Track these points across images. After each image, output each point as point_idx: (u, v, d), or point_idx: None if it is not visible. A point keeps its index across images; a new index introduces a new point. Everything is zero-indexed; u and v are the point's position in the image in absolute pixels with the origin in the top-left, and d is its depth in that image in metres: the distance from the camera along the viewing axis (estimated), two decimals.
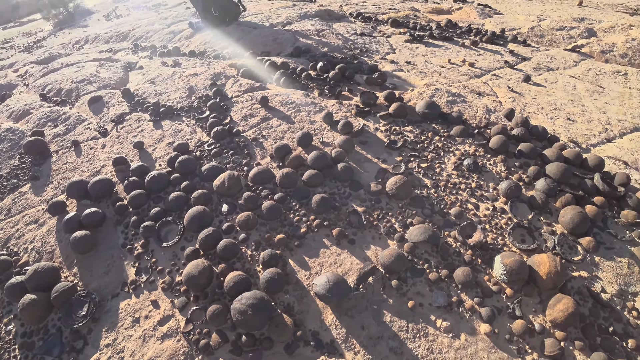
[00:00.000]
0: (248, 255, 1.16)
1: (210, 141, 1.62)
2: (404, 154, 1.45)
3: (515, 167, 1.43)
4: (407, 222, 1.19)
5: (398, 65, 2.40)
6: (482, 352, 0.93)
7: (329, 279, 0.98)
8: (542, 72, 2.80)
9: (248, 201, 1.27)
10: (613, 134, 2.03)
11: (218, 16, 3.25)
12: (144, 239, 1.28)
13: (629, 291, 1.09)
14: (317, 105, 1.75)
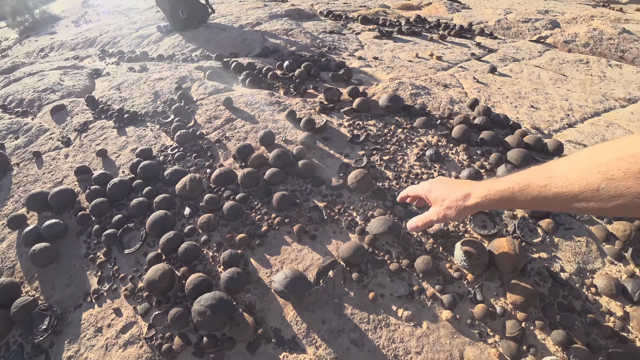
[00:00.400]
0: (209, 256, 1.15)
1: (173, 145, 1.60)
2: (367, 148, 1.46)
3: (477, 155, 1.45)
4: (368, 214, 1.19)
5: (366, 61, 2.41)
6: (444, 338, 0.94)
7: (287, 275, 0.97)
8: (508, 63, 2.86)
9: (209, 203, 1.25)
10: (574, 119, 2.08)
11: (186, 19, 3.21)
12: (106, 247, 1.25)
13: (587, 269, 1.12)
14: (282, 104, 1.74)
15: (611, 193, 0.58)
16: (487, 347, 0.93)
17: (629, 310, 1.01)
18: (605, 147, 0.62)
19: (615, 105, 2.32)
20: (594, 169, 0.61)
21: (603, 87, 2.57)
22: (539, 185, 0.69)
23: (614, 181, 0.58)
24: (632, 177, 0.55)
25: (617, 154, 0.59)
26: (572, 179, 0.64)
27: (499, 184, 0.78)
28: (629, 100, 2.41)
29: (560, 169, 0.67)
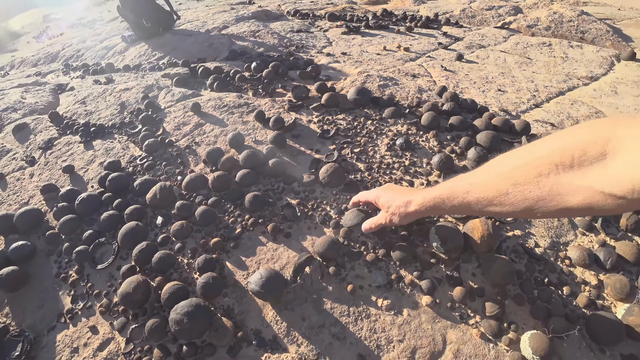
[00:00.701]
0: (185, 264, 1.13)
1: (142, 155, 1.56)
2: (337, 142, 1.46)
3: (447, 140, 1.47)
4: (342, 208, 1.19)
5: (334, 57, 2.42)
6: (425, 323, 0.95)
7: (262, 275, 0.96)
8: (474, 49, 2.91)
9: (181, 210, 1.23)
10: (540, 100, 2.13)
11: (150, 27, 3.15)
12: (78, 265, 1.21)
13: (560, 242, 1.14)
14: (250, 105, 1.73)
15: (518, 197, 0.63)
16: (468, 328, 0.93)
17: (603, 278, 1.04)
18: (513, 154, 0.68)
19: (579, 84, 2.39)
20: (503, 176, 0.66)
21: (566, 68, 2.64)
22: (463, 192, 0.75)
23: (518, 186, 0.62)
24: (531, 182, 0.60)
25: (520, 160, 0.64)
26: (488, 185, 0.69)
27: (431, 192, 0.84)
28: (590, 79, 2.49)
29: (479, 177, 0.74)
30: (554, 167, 0.57)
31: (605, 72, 2.59)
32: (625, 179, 0.47)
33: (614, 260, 1.06)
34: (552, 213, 0.59)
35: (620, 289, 0.99)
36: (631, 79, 2.48)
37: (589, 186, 0.52)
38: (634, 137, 0.48)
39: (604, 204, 0.51)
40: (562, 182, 0.56)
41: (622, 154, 0.48)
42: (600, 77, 2.52)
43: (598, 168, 0.51)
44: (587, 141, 0.53)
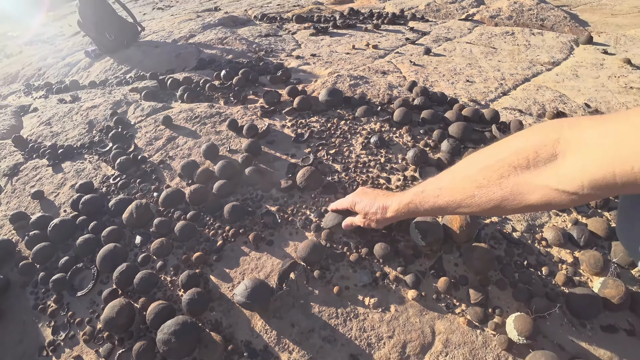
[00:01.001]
0: (168, 282, 1.10)
1: (115, 174, 1.52)
2: (312, 145, 1.46)
3: (420, 134, 1.49)
4: (321, 210, 1.19)
5: (304, 60, 2.42)
6: (413, 317, 0.96)
7: (247, 285, 0.95)
8: (441, 43, 2.97)
9: (160, 227, 1.20)
10: (508, 87, 2.19)
11: (114, 40, 3.07)
12: (56, 294, 1.17)
13: (536, 224, 1.18)
14: (222, 115, 1.71)
15: (484, 199, 0.67)
16: (455, 317, 0.95)
17: (578, 255, 1.08)
18: (476, 157, 0.73)
19: (542, 70, 2.47)
20: (468, 179, 0.70)
21: (529, 55, 2.73)
22: (433, 197, 0.79)
23: (483, 188, 0.67)
24: (494, 184, 0.64)
25: (483, 163, 0.68)
26: (455, 189, 0.74)
27: (405, 197, 0.88)
28: (553, 64, 2.58)
29: (447, 181, 0.78)
30: (513, 169, 0.62)
31: (565, 57, 2.70)
32: (575, 177, 0.52)
33: (586, 237, 1.10)
34: (516, 210, 0.64)
35: (595, 264, 1.03)
36: (590, 61, 2.59)
37: (544, 185, 0.57)
38: (578, 138, 0.53)
39: (560, 200, 0.56)
40: (522, 182, 0.60)
41: (570, 154, 0.53)
42: (562, 61, 2.62)
43: (550, 168, 0.56)
44: (539, 144, 0.58)
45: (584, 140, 0.52)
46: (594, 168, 0.50)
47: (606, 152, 0.49)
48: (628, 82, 2.25)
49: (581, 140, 0.52)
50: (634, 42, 2.94)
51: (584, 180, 0.51)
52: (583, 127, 0.53)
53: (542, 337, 0.91)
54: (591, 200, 0.56)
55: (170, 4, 6.02)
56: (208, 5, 5.25)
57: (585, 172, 0.51)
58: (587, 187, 0.51)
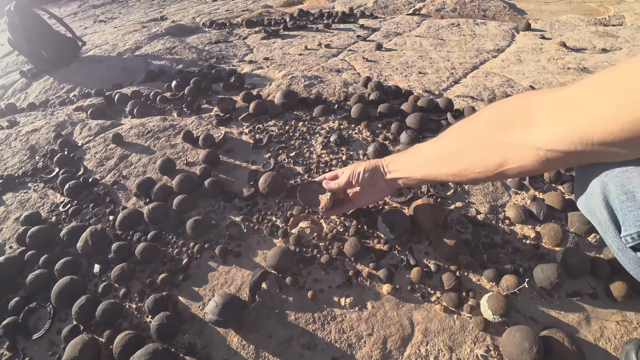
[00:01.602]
0: (134, 309, 1.03)
1: (65, 201, 1.42)
2: (272, 149, 1.43)
3: (379, 128, 1.50)
4: (287, 215, 1.17)
5: (257, 64, 2.38)
6: (390, 311, 0.95)
7: (217, 302, 0.91)
8: (391, 38, 3.03)
9: (119, 252, 1.13)
10: (459, 76, 2.27)
11: (52, 57, 2.87)
12: (9, 340, 1.06)
13: (498, 204, 1.22)
14: (176, 127, 1.64)
15: (464, 154, 0.73)
16: (431, 305, 0.96)
17: (539, 229, 1.12)
18: (458, 124, 0.79)
19: (488, 57, 2.58)
20: (452, 139, 0.78)
21: (475, 44, 2.84)
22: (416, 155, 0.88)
23: (465, 143, 0.74)
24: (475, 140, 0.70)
25: (463, 125, 0.76)
26: (439, 147, 0.81)
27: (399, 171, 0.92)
28: (498, 51, 2.71)
29: (431, 144, 0.84)
30: (491, 128, 0.65)
31: (508, 44, 2.84)
32: (543, 135, 0.55)
33: (545, 212, 1.15)
34: (491, 171, 0.67)
35: (555, 236, 1.07)
36: (530, 46, 2.74)
37: (518, 141, 0.60)
38: (547, 100, 0.56)
39: (532, 159, 0.59)
40: (498, 139, 0.64)
41: (539, 116, 0.56)
42: (505, 48, 2.75)
43: (523, 128, 0.59)
44: (511, 107, 0.62)
45: (549, 105, 0.55)
46: (557, 130, 0.53)
47: (566, 119, 0.52)
48: (565, 64, 2.40)
49: (547, 105, 0.56)
50: (567, 27, 3.15)
51: (549, 141, 0.54)
52: (552, 91, 0.57)
53: (515, 313, 0.93)
54: (560, 164, 0.59)
55: (113, 16, 5.75)
56: (153, 14, 5.06)
57: (550, 134, 0.54)
58: (552, 146, 0.54)
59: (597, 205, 0.57)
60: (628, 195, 0.52)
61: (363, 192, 1.01)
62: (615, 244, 0.57)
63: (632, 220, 0.52)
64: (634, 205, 0.51)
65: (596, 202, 0.57)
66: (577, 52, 2.60)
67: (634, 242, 0.53)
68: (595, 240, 1.09)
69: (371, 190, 0.99)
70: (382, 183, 0.95)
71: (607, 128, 0.47)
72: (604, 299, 0.97)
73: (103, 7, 6.76)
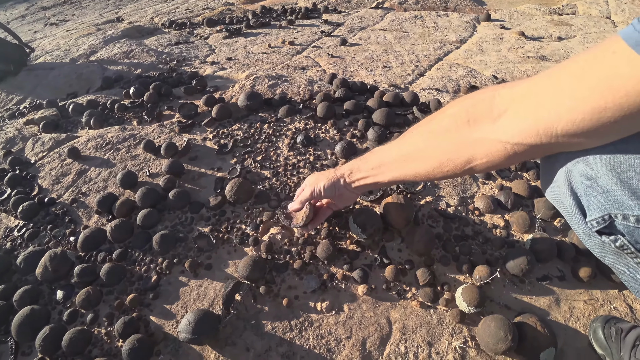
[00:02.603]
0: (103, 334, 0.98)
1: (20, 224, 1.33)
2: (238, 154, 1.40)
3: (345, 126, 1.49)
4: (257, 222, 1.14)
5: (220, 65, 2.31)
6: (367, 312, 0.95)
7: (190, 320, 0.88)
8: (356, 32, 3.02)
9: (82, 275, 1.07)
10: (423, 68, 2.29)
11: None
12: None
13: (467, 196, 1.24)
14: (137, 136, 1.57)
15: (429, 152, 0.72)
16: (408, 302, 0.96)
17: (508, 217, 1.15)
18: (422, 122, 0.76)
19: (452, 48, 2.62)
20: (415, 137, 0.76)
21: (439, 35, 2.88)
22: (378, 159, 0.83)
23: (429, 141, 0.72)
24: (439, 137, 0.69)
25: (428, 122, 0.74)
26: (402, 147, 0.78)
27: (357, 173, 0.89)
28: (460, 42, 2.76)
29: (394, 145, 0.81)
30: (455, 124, 0.64)
31: (470, 35, 2.89)
32: (508, 129, 0.56)
33: (512, 200, 1.18)
34: (461, 169, 0.66)
35: (523, 223, 1.10)
36: (491, 36, 2.80)
37: (483, 137, 0.60)
38: (512, 94, 0.56)
39: (498, 152, 0.59)
40: (463, 135, 0.63)
41: (505, 109, 0.56)
42: (468, 39, 2.81)
43: (489, 122, 0.58)
44: (476, 100, 0.61)
45: (514, 97, 0.55)
46: (521, 123, 0.53)
47: (530, 110, 0.52)
48: (525, 52, 2.47)
49: (512, 97, 0.56)
50: (525, 17, 3.25)
51: (514, 134, 0.55)
52: (516, 84, 0.57)
53: (489, 302, 0.95)
54: (526, 157, 0.59)
55: (66, 18, 5.44)
56: (109, 16, 4.83)
57: (515, 127, 0.54)
58: (517, 139, 0.54)
59: (563, 192, 0.58)
60: (591, 181, 0.53)
61: (333, 201, 1.00)
62: (580, 229, 0.58)
63: (596, 205, 0.53)
64: (597, 191, 0.52)
65: (561, 189, 0.58)
66: (535, 41, 2.68)
67: (599, 226, 0.54)
68: (561, 224, 1.13)
69: (339, 199, 0.97)
70: (347, 193, 0.93)
71: (569, 118, 0.48)
72: (571, 281, 1.01)
73: (54, 8, 6.40)
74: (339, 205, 1.00)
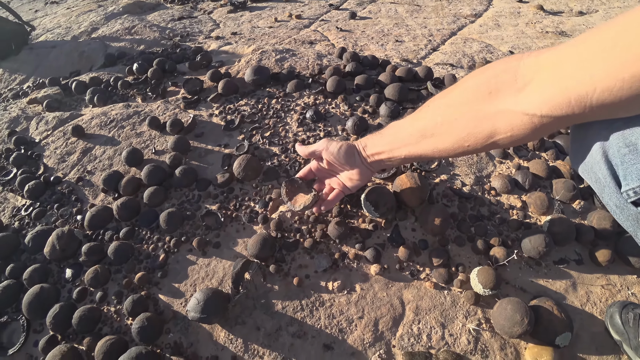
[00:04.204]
0: (112, 313, 0.98)
1: (27, 203, 1.31)
2: (245, 130, 1.35)
3: (357, 102, 1.44)
4: (266, 199, 1.11)
5: (225, 40, 2.24)
6: (380, 292, 0.93)
7: (199, 299, 0.86)
8: (365, 5, 2.90)
9: (90, 253, 1.06)
10: (437, 43, 2.20)
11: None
12: None
13: (483, 175, 1.19)
14: (141, 113, 1.53)
15: (447, 127, 0.67)
16: (421, 283, 0.94)
17: (525, 198, 1.10)
18: (440, 94, 0.71)
19: (466, 22, 2.51)
20: (432, 111, 0.70)
21: (452, 9, 2.76)
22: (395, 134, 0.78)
23: (447, 116, 0.67)
24: (457, 111, 0.64)
25: (443, 102, 0.68)
26: (419, 121, 0.73)
27: (374, 147, 0.84)
28: (475, 16, 2.63)
29: (410, 120, 0.76)
30: (476, 95, 0.60)
31: (485, 8, 2.76)
32: (535, 100, 0.51)
33: (530, 180, 1.13)
34: (482, 145, 0.62)
35: (541, 205, 1.06)
36: (507, 10, 2.67)
37: (507, 109, 0.55)
38: (537, 63, 0.52)
39: (523, 126, 0.54)
40: (484, 108, 0.59)
41: (530, 79, 0.52)
42: (483, 13, 2.68)
43: (512, 93, 0.54)
44: (500, 71, 0.56)
45: (540, 65, 0.51)
46: (550, 93, 0.49)
47: (560, 79, 0.48)
48: (543, 27, 2.36)
49: (539, 65, 0.51)
50: None
51: (542, 106, 0.50)
52: (541, 52, 0.52)
53: (505, 284, 0.92)
54: (552, 129, 0.55)
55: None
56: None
57: (543, 97, 0.50)
58: (546, 111, 0.50)
59: (596, 161, 0.53)
60: (630, 147, 0.48)
61: (347, 180, 0.93)
62: (613, 201, 0.54)
63: (635, 173, 0.49)
64: (636, 158, 0.48)
65: (594, 158, 0.53)
66: (554, 15, 2.55)
67: (636, 196, 0.50)
68: (580, 207, 1.08)
69: (356, 176, 0.90)
70: (363, 167, 0.87)
71: (605, 87, 0.43)
72: (589, 265, 0.98)
73: None
74: (354, 183, 0.93)
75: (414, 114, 0.75)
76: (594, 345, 0.85)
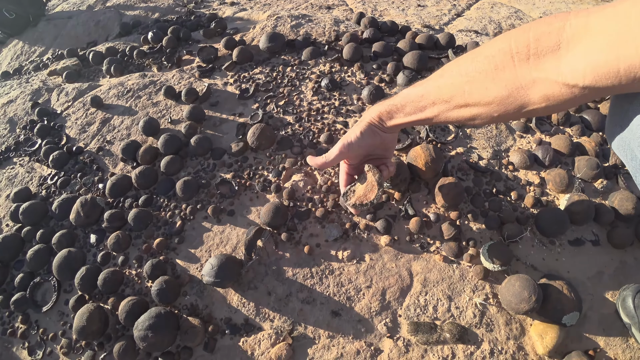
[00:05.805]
0: (134, 275, 1.04)
1: (52, 173, 1.37)
2: (260, 99, 1.35)
3: (373, 70, 1.40)
4: (279, 168, 1.12)
5: (239, 6, 2.19)
6: (389, 263, 0.94)
7: (213, 264, 0.90)
8: None
9: (112, 220, 1.11)
10: (461, 8, 2.08)
11: (16, 18, 2.66)
12: (21, 314, 1.09)
13: (501, 149, 1.15)
14: (157, 83, 1.54)
15: (475, 97, 0.59)
16: (430, 255, 0.94)
17: (544, 175, 1.07)
18: (467, 55, 0.63)
19: None
20: (458, 75, 0.62)
21: None
22: (417, 96, 0.69)
23: (474, 83, 0.58)
24: (488, 78, 0.56)
25: (474, 56, 0.60)
26: (442, 87, 0.65)
27: (384, 103, 0.76)
28: None
29: (432, 82, 0.68)
30: (510, 60, 0.53)
31: None
32: (578, 69, 0.45)
33: (551, 156, 1.09)
34: (513, 113, 0.57)
35: (560, 182, 1.02)
36: None
37: (545, 77, 0.50)
38: (584, 24, 0.45)
39: (560, 96, 0.49)
40: (520, 75, 0.53)
41: (574, 42, 0.46)
42: None
43: (552, 58, 0.49)
44: (540, 32, 0.50)
45: (589, 27, 0.45)
46: (597, 61, 0.43)
47: (611, 44, 0.42)
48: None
49: (587, 27, 0.45)
50: None
51: (587, 74, 0.44)
52: (591, 12, 0.45)
53: (515, 261, 0.92)
54: (591, 98, 0.50)
55: None
56: None
57: (588, 65, 0.44)
58: (590, 81, 0.44)
59: (636, 137, 0.48)
60: None
61: (383, 153, 0.86)
62: None
63: None
64: None
65: (635, 134, 0.48)
66: None
67: None
68: (602, 186, 1.04)
69: (383, 147, 0.83)
70: (385, 135, 0.79)
71: None
72: (605, 246, 0.95)
73: None
74: (389, 152, 0.85)
75: (434, 79, 0.67)
76: (601, 327, 0.85)
